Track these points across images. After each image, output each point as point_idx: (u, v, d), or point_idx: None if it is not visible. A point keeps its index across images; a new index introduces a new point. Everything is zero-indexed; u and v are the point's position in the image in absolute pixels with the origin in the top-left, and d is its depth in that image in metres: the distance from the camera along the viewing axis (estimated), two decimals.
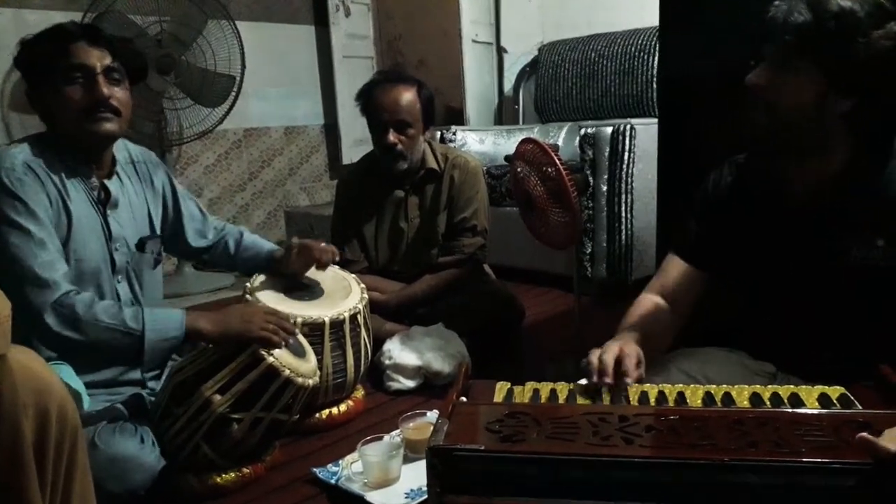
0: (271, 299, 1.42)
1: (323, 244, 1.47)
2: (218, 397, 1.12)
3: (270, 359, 1.15)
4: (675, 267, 1.06)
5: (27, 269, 1.06)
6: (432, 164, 1.88)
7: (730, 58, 0.95)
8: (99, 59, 1.14)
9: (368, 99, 1.79)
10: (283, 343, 1.18)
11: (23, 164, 1.10)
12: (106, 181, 1.23)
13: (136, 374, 1.27)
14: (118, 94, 1.17)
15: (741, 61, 0.93)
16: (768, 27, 0.87)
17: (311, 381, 1.22)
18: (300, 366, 1.20)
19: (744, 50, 0.92)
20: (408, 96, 1.76)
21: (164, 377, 1.26)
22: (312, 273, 1.51)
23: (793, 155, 0.93)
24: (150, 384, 1.29)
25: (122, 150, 1.30)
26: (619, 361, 0.87)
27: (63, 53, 1.12)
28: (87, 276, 1.18)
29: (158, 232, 1.36)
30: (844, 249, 0.90)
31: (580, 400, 0.84)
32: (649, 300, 1.07)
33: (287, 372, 1.16)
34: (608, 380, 0.85)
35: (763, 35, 0.88)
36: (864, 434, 0.62)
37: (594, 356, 0.88)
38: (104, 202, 1.22)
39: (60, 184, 1.15)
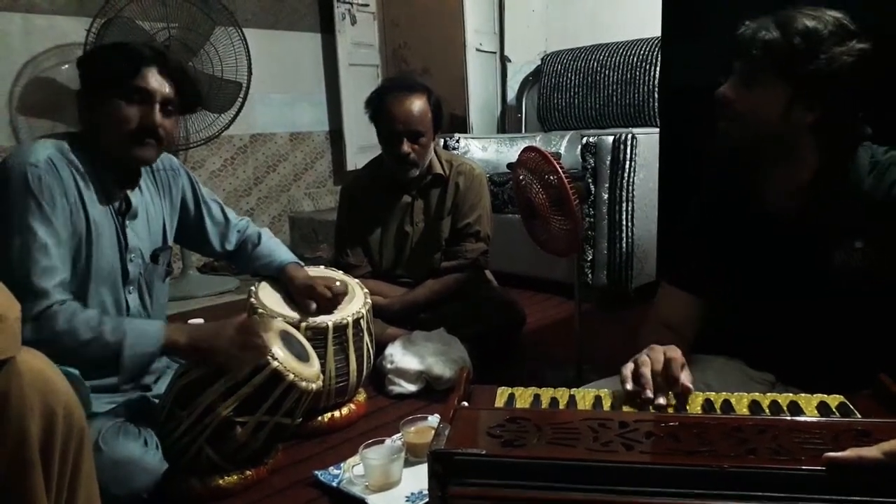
0: (275, 303, 1.43)
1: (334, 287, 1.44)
2: (222, 401, 1.13)
3: (275, 363, 1.15)
4: (671, 295, 1.07)
5: (21, 276, 1.05)
6: (438, 169, 1.89)
7: (731, 68, 0.97)
8: (162, 87, 1.17)
9: (380, 107, 1.80)
10: (248, 367, 1.14)
11: (47, 161, 1.11)
12: (128, 192, 1.24)
13: (140, 379, 1.28)
14: (166, 125, 1.19)
15: None
16: (738, 44, 0.92)
17: (314, 386, 1.23)
18: (304, 370, 1.21)
19: None
20: (420, 105, 1.77)
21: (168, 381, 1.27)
22: (318, 275, 1.52)
23: (764, 166, 0.96)
24: (154, 388, 1.30)
25: None
26: (665, 367, 0.86)
27: (133, 72, 1.15)
28: (97, 284, 1.18)
29: (170, 241, 1.37)
30: (826, 256, 0.92)
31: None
32: (655, 328, 1.06)
33: (291, 376, 1.17)
34: (661, 400, 0.82)
35: (733, 51, 0.93)
36: (828, 454, 0.62)
37: (645, 366, 0.85)
38: (124, 212, 1.23)
39: (84, 186, 1.16)
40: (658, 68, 2.69)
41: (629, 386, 0.85)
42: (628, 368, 0.88)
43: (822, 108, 0.89)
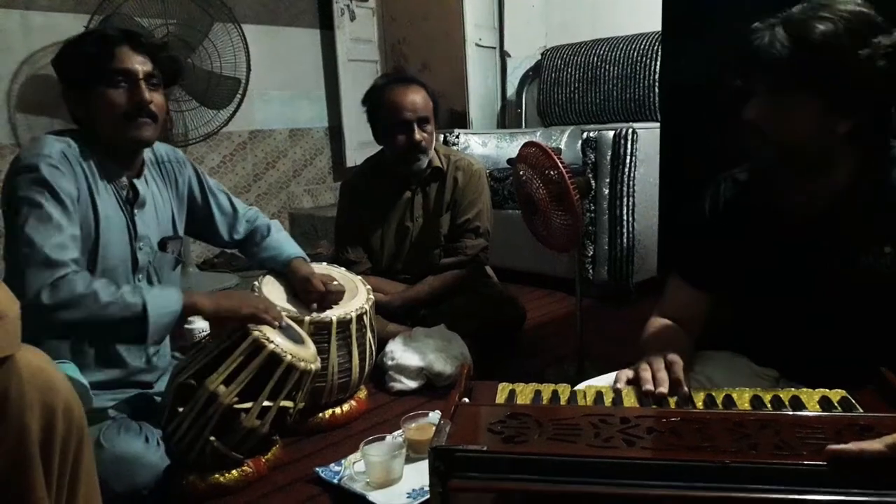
0: (279, 297, 1.43)
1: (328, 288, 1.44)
2: (223, 389, 1.13)
3: (271, 346, 1.15)
4: (680, 289, 1.06)
5: (38, 250, 1.05)
6: (437, 163, 1.89)
7: (731, 63, 0.95)
8: (141, 64, 1.17)
9: (381, 102, 1.80)
10: (276, 324, 1.19)
11: (60, 153, 1.13)
12: (135, 181, 1.25)
13: (141, 376, 1.28)
14: (157, 100, 1.20)
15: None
16: (750, 58, 0.85)
17: (313, 366, 1.23)
18: (300, 351, 1.21)
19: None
20: (423, 94, 1.80)
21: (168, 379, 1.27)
22: (322, 272, 1.52)
23: (800, 173, 0.92)
24: (156, 386, 1.30)
25: (149, 150, 1.31)
26: (667, 369, 0.85)
27: (108, 57, 1.15)
28: (107, 273, 1.19)
29: (181, 233, 1.37)
30: (852, 259, 0.90)
31: (588, 400, 0.84)
32: (661, 322, 1.05)
33: (289, 357, 1.17)
34: (662, 389, 0.82)
35: (749, 63, 0.87)
36: (830, 447, 0.61)
37: (646, 372, 0.85)
38: (132, 201, 1.24)
39: (92, 180, 1.17)
40: (658, 63, 2.68)
41: (620, 385, 0.85)
42: (625, 375, 0.87)
43: (857, 114, 0.84)
